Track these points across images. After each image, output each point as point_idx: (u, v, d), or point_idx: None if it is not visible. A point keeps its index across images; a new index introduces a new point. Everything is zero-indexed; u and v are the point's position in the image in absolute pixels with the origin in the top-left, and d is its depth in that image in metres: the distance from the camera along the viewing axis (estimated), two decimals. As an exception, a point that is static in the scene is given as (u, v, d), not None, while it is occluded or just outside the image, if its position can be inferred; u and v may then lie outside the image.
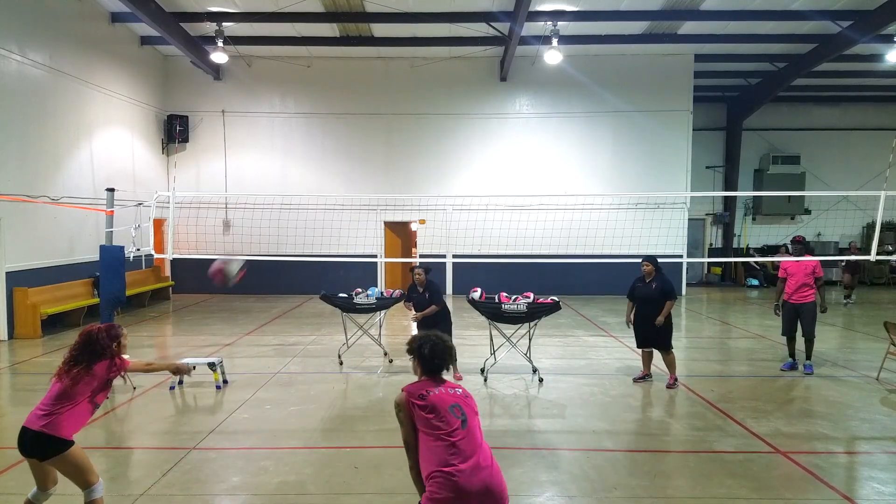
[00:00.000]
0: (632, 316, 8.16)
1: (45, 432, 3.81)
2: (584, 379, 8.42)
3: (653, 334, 7.90)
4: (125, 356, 4.22)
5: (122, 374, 4.17)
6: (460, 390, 3.29)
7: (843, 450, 6.04)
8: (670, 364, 7.94)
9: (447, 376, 3.40)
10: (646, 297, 7.91)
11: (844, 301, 15.95)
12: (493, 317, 8.31)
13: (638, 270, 8.11)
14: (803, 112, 21.19)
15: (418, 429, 3.10)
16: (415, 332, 8.81)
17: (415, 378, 3.40)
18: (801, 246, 9.01)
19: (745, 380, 8.43)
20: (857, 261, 15.39)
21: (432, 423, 3.06)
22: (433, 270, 8.80)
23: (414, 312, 8.27)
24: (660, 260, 8.14)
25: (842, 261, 19.48)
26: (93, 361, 4.01)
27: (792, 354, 8.94)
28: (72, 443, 3.89)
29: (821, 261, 8.97)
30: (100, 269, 8.48)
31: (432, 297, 8.18)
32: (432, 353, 3.29)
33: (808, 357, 8.77)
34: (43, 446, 3.83)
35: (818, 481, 5.13)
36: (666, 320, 7.79)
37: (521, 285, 10.48)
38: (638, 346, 8.22)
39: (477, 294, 8.34)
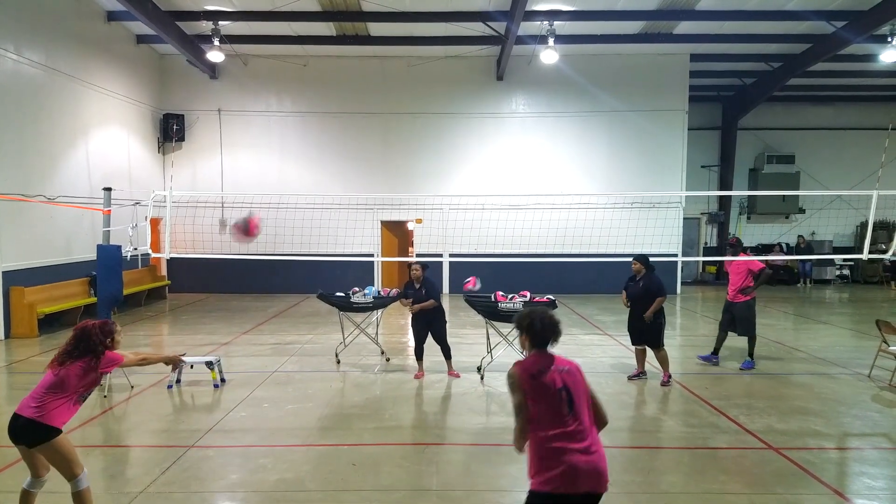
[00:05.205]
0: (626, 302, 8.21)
1: (35, 419, 3.94)
2: (579, 377, 8.46)
3: (643, 331, 7.98)
4: (120, 351, 4.35)
5: (116, 368, 4.29)
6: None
7: (834, 446, 6.10)
8: (663, 361, 8.01)
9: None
10: (634, 296, 8.02)
11: None
12: (490, 315, 8.38)
13: (631, 269, 8.17)
14: (798, 112, 21.28)
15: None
16: (410, 330, 8.93)
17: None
18: (732, 248, 9.16)
19: (738, 377, 8.50)
20: None
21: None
22: (430, 268, 8.84)
23: (412, 306, 8.29)
24: (654, 259, 8.20)
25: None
26: (86, 355, 4.16)
27: (716, 350, 9.13)
28: (60, 431, 4.02)
29: (814, 259, 9.05)
30: (97, 268, 8.51)
31: (428, 292, 8.20)
32: (542, 328, 3.32)
33: (750, 354, 8.93)
34: (32, 433, 3.97)
35: (810, 477, 5.20)
36: (655, 318, 7.86)
37: (517, 284, 10.52)
38: (632, 344, 8.30)
39: (472, 286, 8.52)
